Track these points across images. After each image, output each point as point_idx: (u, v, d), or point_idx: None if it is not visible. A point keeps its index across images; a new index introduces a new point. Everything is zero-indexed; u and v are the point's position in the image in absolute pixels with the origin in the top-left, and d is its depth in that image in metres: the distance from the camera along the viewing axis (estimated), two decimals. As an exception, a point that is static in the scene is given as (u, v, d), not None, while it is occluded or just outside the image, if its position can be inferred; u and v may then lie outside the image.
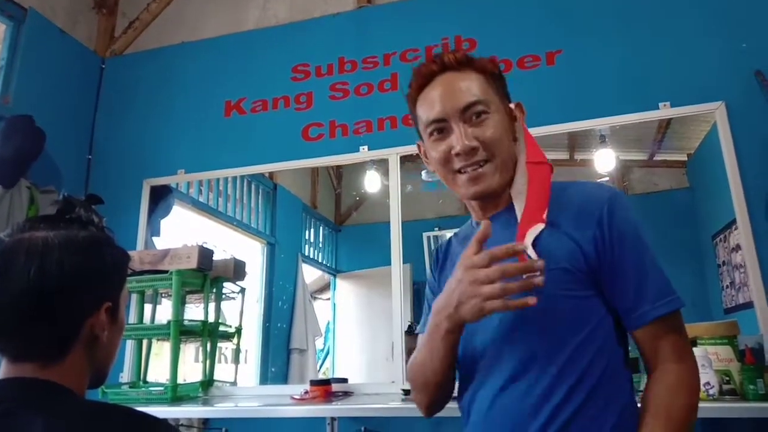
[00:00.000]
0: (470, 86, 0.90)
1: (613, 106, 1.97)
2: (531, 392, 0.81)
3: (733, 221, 1.85)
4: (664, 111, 1.91)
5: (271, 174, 3.44)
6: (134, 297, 2.26)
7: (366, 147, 2.23)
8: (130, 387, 2.12)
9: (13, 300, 0.71)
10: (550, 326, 0.83)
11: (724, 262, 2.17)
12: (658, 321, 0.81)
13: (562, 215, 0.88)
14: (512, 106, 0.95)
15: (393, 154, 2.19)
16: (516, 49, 2.14)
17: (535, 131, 1.01)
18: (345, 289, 4.05)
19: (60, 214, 0.84)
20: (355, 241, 4.20)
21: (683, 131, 2.54)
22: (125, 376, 2.24)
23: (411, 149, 2.17)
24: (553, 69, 2.10)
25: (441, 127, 0.91)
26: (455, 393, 0.94)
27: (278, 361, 3.30)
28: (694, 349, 1.47)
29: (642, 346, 0.83)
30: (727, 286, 2.13)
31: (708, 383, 1.44)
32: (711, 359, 1.49)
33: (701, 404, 0.82)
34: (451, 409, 0.94)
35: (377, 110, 2.26)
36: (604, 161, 2.56)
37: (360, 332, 3.84)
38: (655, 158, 2.83)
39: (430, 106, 0.92)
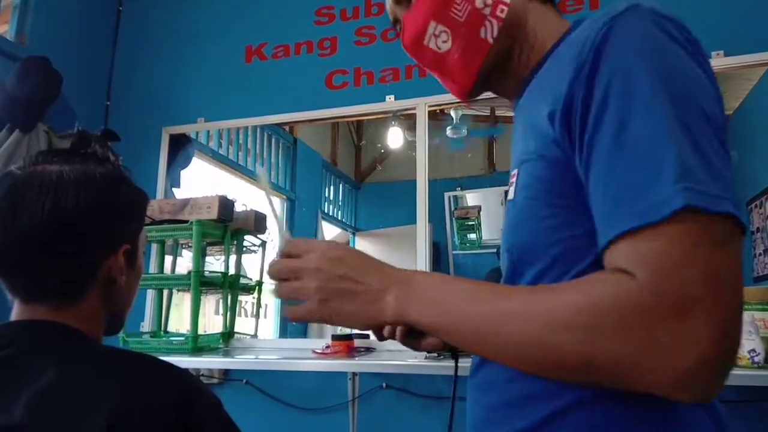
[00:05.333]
0: None
1: (661, 55, 1.83)
2: None
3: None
4: (717, 60, 1.76)
5: (291, 128, 3.36)
6: (154, 247, 2.23)
7: (392, 96, 2.12)
8: (151, 336, 2.12)
9: (25, 236, 0.66)
10: (512, 251, 0.58)
11: (758, 228, 2.07)
12: (621, 245, 0.43)
13: (550, 76, 0.57)
14: None
15: (421, 104, 2.08)
16: (557, -8, 1.99)
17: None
18: (364, 247, 4.02)
19: (75, 149, 0.79)
20: (374, 200, 4.15)
21: (724, 89, 2.40)
22: (146, 325, 2.23)
23: (440, 99, 2.06)
24: (597, 13, 1.95)
25: None
26: None
27: (297, 316, 3.30)
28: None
29: None
30: (760, 254, 2.04)
31: (754, 350, 1.36)
32: (758, 325, 1.41)
33: (744, 372, 0.68)
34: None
35: (405, 57, 2.07)
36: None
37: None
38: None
39: None
